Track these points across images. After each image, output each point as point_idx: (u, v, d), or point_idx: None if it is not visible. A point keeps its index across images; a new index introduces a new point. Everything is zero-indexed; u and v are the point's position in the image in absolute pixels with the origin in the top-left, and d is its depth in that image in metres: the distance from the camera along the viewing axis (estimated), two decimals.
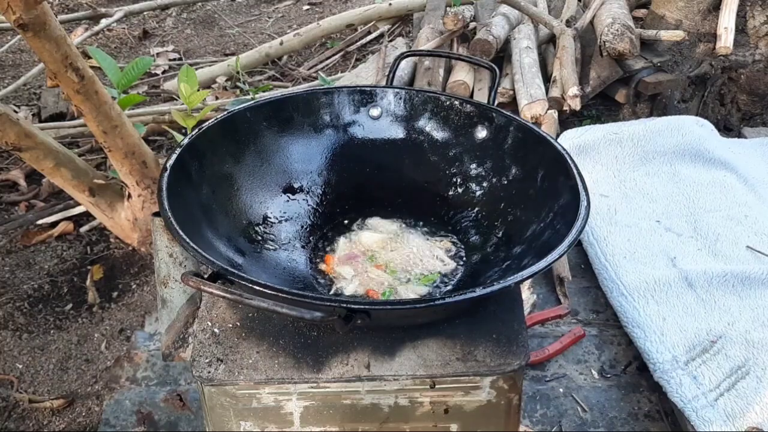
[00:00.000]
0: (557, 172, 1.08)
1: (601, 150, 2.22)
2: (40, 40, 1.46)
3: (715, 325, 1.60)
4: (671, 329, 1.59)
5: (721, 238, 1.89)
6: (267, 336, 0.96)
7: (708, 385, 1.47)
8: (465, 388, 0.95)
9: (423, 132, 1.29)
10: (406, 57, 1.48)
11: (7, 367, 1.79)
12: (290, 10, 4.00)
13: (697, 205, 2.03)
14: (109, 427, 1.47)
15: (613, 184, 2.13)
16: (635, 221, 1.98)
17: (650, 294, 1.70)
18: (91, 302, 1.98)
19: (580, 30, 2.61)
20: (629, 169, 2.18)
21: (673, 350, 1.54)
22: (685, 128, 2.25)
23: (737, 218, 1.96)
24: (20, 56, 3.44)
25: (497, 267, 1.08)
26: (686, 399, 1.44)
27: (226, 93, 2.89)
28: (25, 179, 2.44)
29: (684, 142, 2.22)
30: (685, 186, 2.11)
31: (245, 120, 1.20)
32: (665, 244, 1.88)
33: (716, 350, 1.54)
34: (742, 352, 1.53)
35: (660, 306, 1.66)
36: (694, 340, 1.57)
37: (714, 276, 1.72)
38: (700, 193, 2.07)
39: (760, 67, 2.64)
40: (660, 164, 2.20)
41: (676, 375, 1.49)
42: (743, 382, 1.47)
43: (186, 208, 1.00)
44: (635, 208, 2.04)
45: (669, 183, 2.13)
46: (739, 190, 2.09)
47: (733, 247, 1.86)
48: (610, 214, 2.00)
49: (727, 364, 1.51)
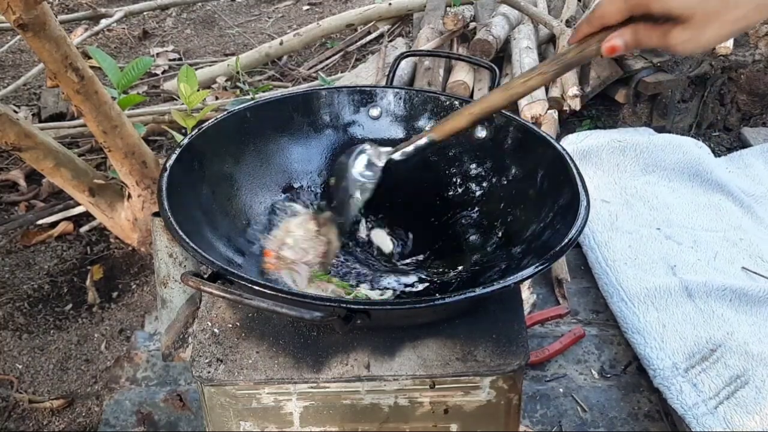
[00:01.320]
0: (557, 172, 1.08)
1: (603, 157, 2.24)
2: (40, 40, 1.46)
3: (715, 333, 1.60)
4: (671, 336, 1.60)
5: (718, 256, 1.90)
6: (267, 336, 0.96)
7: (708, 392, 1.47)
8: (465, 388, 0.95)
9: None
10: (406, 57, 1.48)
11: (7, 367, 1.79)
12: (290, 10, 4.00)
13: (696, 223, 2.05)
14: (109, 427, 1.47)
15: (615, 190, 2.14)
16: (636, 228, 1.98)
17: (650, 301, 1.70)
18: (91, 302, 1.98)
19: None
20: (630, 177, 2.19)
21: (673, 357, 1.54)
22: (685, 147, 2.28)
23: (733, 240, 1.98)
24: (20, 56, 3.44)
25: (497, 267, 1.08)
26: (687, 406, 1.44)
27: (226, 93, 2.89)
28: (25, 179, 2.44)
29: (684, 159, 2.24)
30: (684, 203, 2.12)
31: (245, 120, 1.20)
32: (665, 252, 1.89)
33: (715, 359, 1.54)
34: (741, 362, 1.53)
35: (660, 313, 1.67)
36: (694, 347, 1.57)
37: (713, 288, 1.73)
38: (698, 213, 2.09)
39: (760, 67, 2.64)
40: (660, 177, 2.22)
41: (677, 382, 1.49)
42: (742, 392, 1.47)
43: (186, 208, 1.00)
44: (636, 215, 2.04)
45: (669, 196, 2.15)
46: (734, 214, 2.10)
47: (729, 266, 1.87)
48: (611, 220, 2.01)
49: (727, 373, 1.51)
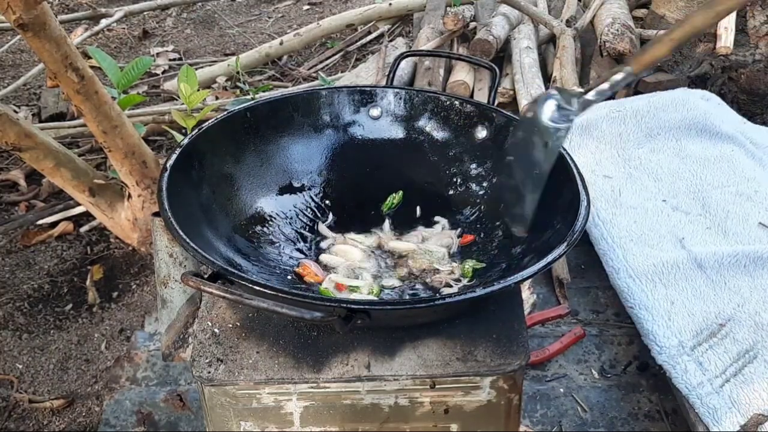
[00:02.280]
0: (557, 171, 1.08)
1: (603, 128, 2.13)
2: (40, 40, 1.46)
3: (725, 307, 1.56)
4: (679, 313, 1.55)
5: (730, 215, 1.82)
6: (267, 336, 0.96)
7: (714, 371, 1.44)
8: (465, 388, 0.95)
9: (423, 132, 1.29)
10: (406, 57, 1.48)
11: (7, 367, 1.79)
12: (290, 10, 4.00)
13: (705, 181, 1.96)
14: (109, 427, 1.47)
15: (617, 163, 2.04)
16: (641, 202, 1.90)
17: (658, 277, 1.65)
18: (91, 302, 1.98)
19: (580, 30, 2.61)
20: (633, 147, 2.10)
21: (679, 335, 1.50)
22: (690, 103, 2.18)
23: (747, 194, 1.89)
24: (20, 56, 3.44)
25: (497, 267, 1.08)
26: (691, 386, 1.41)
27: (226, 93, 2.89)
28: (25, 179, 2.44)
29: (689, 116, 2.15)
30: (692, 162, 2.03)
31: (245, 120, 1.20)
32: (673, 225, 1.82)
33: (724, 334, 1.50)
34: (751, 335, 1.49)
35: (668, 289, 1.61)
36: (702, 324, 1.53)
37: (725, 256, 1.67)
38: (707, 169, 2.00)
39: (760, 67, 2.64)
40: (665, 140, 2.12)
41: (682, 361, 1.45)
42: (750, 367, 1.43)
43: (186, 208, 1.00)
44: (640, 188, 1.96)
45: (675, 159, 2.05)
46: (747, 165, 2.01)
47: (743, 224, 1.80)
48: (615, 196, 1.92)
49: (735, 348, 1.47)
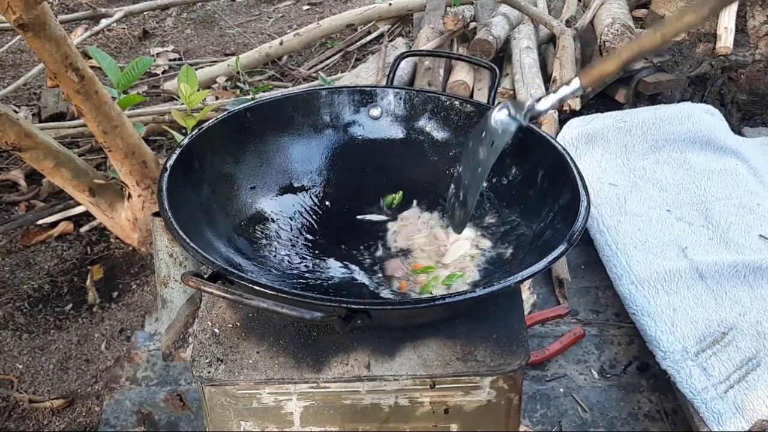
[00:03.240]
0: (557, 172, 1.08)
1: (609, 138, 2.17)
2: (40, 40, 1.46)
3: (726, 315, 1.58)
4: (681, 320, 1.58)
5: (733, 226, 1.86)
6: (267, 336, 0.96)
7: (718, 376, 1.45)
8: (465, 388, 0.95)
9: (423, 132, 1.29)
10: (406, 57, 1.48)
11: (7, 367, 1.79)
12: (290, 10, 4.00)
13: (708, 192, 2.00)
14: (109, 427, 1.47)
15: (623, 172, 2.09)
16: (645, 210, 1.95)
17: (660, 285, 1.68)
18: (91, 302, 1.98)
19: (580, 30, 2.60)
20: (639, 158, 2.14)
21: (683, 341, 1.52)
22: (695, 116, 2.21)
23: (749, 206, 1.93)
24: (20, 56, 3.44)
25: (497, 267, 1.08)
26: (695, 390, 1.43)
27: (226, 93, 2.89)
28: (25, 179, 2.44)
29: (694, 129, 2.18)
30: (696, 174, 2.07)
31: (245, 120, 1.20)
32: (676, 234, 1.86)
33: (727, 342, 1.52)
34: (753, 343, 1.51)
35: (671, 296, 1.64)
36: (705, 331, 1.55)
37: (725, 267, 1.70)
38: (711, 181, 2.04)
39: (760, 67, 2.64)
40: (670, 152, 2.15)
41: (686, 366, 1.47)
42: (754, 374, 1.45)
43: (186, 208, 1.00)
44: (645, 197, 2.00)
45: (679, 171, 2.09)
46: (750, 180, 2.06)
47: (745, 235, 1.83)
48: (620, 204, 1.96)
49: (738, 356, 1.49)
